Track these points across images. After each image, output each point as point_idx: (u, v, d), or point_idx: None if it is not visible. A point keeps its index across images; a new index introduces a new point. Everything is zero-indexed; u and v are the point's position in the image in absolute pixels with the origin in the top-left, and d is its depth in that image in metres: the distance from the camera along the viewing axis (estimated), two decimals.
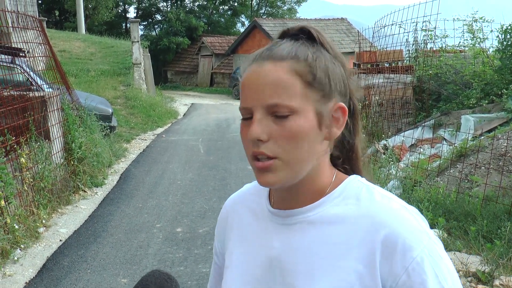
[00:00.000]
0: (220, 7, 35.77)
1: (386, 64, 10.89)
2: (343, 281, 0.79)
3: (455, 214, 4.63)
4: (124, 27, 33.93)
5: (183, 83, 28.39)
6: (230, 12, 35.71)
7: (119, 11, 34.25)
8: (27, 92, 5.75)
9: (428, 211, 4.58)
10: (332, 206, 0.84)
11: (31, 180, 5.11)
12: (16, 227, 4.48)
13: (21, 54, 6.37)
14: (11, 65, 6.26)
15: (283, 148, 0.79)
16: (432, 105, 8.60)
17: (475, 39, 8.73)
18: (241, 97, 0.83)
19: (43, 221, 5.11)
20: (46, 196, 5.32)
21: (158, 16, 34.46)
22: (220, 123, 13.33)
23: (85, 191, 6.37)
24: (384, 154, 6.96)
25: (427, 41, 9.44)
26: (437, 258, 0.77)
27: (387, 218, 0.79)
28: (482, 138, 6.00)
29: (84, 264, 4.34)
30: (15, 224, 4.47)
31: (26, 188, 4.97)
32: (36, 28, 7.30)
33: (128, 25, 30.23)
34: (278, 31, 0.89)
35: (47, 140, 5.76)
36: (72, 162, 6.33)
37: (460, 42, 9.22)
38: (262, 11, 35.95)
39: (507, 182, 4.95)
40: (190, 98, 20.80)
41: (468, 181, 5.26)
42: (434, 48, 9.61)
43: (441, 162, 5.95)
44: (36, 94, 5.85)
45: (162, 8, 34.46)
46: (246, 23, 33.85)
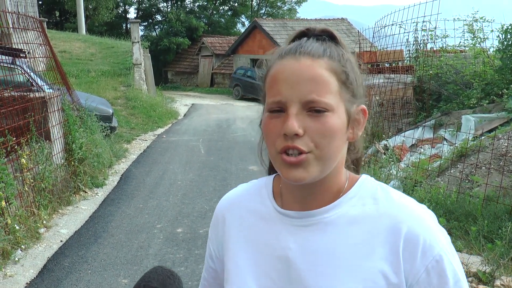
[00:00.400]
0: (221, 8, 35.80)
1: (386, 64, 10.89)
2: (369, 281, 0.80)
3: (456, 214, 4.63)
4: (124, 27, 33.97)
5: (184, 83, 28.40)
6: (230, 13, 35.74)
7: (120, 11, 34.27)
8: (28, 93, 5.75)
9: None
10: (350, 207, 0.85)
11: (32, 180, 5.12)
12: (17, 227, 4.49)
13: (21, 55, 6.37)
14: (11, 66, 6.26)
15: (317, 144, 0.79)
16: (432, 105, 8.59)
17: (475, 39, 8.73)
18: (270, 90, 0.82)
19: (44, 221, 5.12)
20: (46, 197, 5.32)
21: (159, 17, 34.52)
22: (221, 123, 13.33)
23: (85, 192, 6.37)
24: (384, 154, 6.96)
25: (428, 41, 9.45)
26: (452, 256, 0.81)
27: (407, 218, 0.82)
28: (483, 138, 5.99)
29: (84, 264, 4.35)
30: (15, 225, 4.48)
31: (26, 188, 4.97)
32: (37, 29, 7.29)
33: (128, 25, 30.24)
34: (297, 31, 0.88)
35: (47, 140, 5.76)
36: (72, 163, 6.33)
37: (460, 42, 9.24)
38: (262, 11, 35.98)
39: (507, 182, 4.94)
40: (191, 99, 20.79)
41: (468, 181, 5.26)
42: (435, 48, 9.61)
43: (441, 162, 5.94)
44: (36, 94, 5.85)
45: (162, 8, 34.49)
46: (246, 23, 33.89)
